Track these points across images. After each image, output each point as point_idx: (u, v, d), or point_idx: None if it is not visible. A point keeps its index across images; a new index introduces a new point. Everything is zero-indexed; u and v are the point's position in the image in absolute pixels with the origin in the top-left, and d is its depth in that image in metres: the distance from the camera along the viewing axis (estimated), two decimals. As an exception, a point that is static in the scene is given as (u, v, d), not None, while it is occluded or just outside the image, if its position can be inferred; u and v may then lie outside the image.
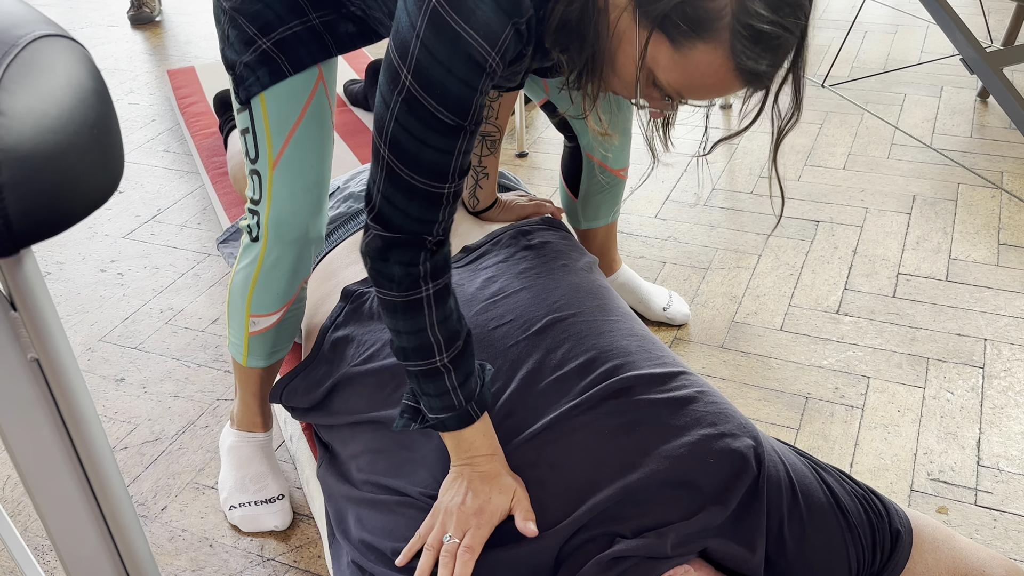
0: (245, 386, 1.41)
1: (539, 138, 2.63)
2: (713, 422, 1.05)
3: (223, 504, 1.43)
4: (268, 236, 1.24)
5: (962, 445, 1.49)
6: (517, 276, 1.28)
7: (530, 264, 1.32)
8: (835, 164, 2.38)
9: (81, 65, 0.52)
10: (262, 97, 1.17)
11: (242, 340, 1.35)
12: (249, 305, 1.31)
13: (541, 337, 1.16)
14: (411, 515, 1.04)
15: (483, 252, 1.38)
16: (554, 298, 1.22)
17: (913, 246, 2.01)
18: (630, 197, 2.28)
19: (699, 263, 2.00)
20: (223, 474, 1.46)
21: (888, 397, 1.59)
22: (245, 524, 1.41)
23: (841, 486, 1.06)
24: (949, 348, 1.70)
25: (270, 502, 1.41)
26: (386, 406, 1.17)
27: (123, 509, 0.60)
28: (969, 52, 1.26)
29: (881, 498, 1.08)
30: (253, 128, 1.19)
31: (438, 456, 1.08)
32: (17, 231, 0.45)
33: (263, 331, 1.33)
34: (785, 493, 1.02)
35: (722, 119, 2.66)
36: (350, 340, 1.28)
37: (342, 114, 2.59)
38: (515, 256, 1.35)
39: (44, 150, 0.46)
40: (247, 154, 1.23)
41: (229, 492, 1.43)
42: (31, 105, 0.47)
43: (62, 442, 0.57)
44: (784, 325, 1.79)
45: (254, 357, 1.37)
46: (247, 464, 1.45)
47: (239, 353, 1.37)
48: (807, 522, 1.02)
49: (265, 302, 1.30)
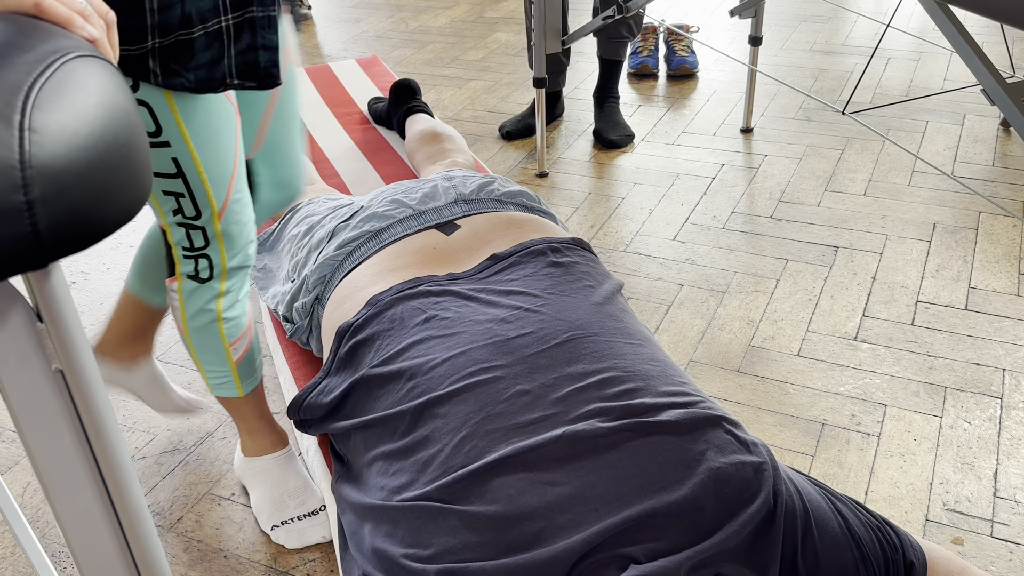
0: (250, 415, 1.41)
1: (559, 158, 2.65)
2: (732, 449, 1.05)
3: (264, 525, 1.43)
4: (227, 271, 1.24)
5: (979, 476, 1.48)
6: (542, 291, 1.29)
7: (555, 281, 1.32)
8: (855, 190, 2.38)
9: (112, 85, 0.53)
10: (195, 159, 1.14)
11: (229, 373, 1.34)
12: (224, 337, 1.29)
13: (560, 350, 1.16)
14: (424, 515, 1.05)
15: (512, 263, 1.38)
16: (575, 316, 1.23)
17: (933, 274, 2.00)
18: (649, 218, 2.28)
19: (717, 286, 2.00)
20: (257, 498, 1.46)
21: (905, 425, 1.58)
22: (292, 541, 1.41)
23: (856, 516, 1.06)
24: (967, 377, 1.69)
25: (313, 515, 1.42)
26: (398, 404, 1.17)
27: (141, 519, 0.61)
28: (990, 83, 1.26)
29: (895, 529, 1.08)
30: (189, 190, 1.15)
31: (451, 453, 1.09)
32: (47, 245, 0.46)
33: (245, 351, 1.33)
34: (799, 521, 1.02)
35: (742, 142, 2.67)
36: (369, 344, 1.28)
37: (365, 132, 2.61)
38: (542, 271, 1.35)
39: (75, 167, 0.48)
40: (178, 212, 1.18)
41: (269, 513, 1.43)
42: (64, 123, 0.48)
43: (83, 452, 0.58)
44: (801, 350, 1.78)
45: (247, 381, 1.37)
46: (282, 482, 1.45)
47: (231, 388, 1.36)
48: (820, 552, 1.02)
49: (239, 323, 1.30)
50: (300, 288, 1.51)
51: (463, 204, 1.51)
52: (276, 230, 1.78)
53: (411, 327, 1.26)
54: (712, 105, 2.96)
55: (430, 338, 1.22)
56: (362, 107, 2.81)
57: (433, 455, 1.10)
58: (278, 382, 1.76)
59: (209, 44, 1.07)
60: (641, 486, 1.01)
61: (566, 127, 2.86)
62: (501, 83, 3.24)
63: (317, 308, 1.48)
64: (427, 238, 1.43)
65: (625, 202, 2.38)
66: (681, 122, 2.85)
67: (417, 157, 2.19)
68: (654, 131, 2.79)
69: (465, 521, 1.02)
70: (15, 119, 0.46)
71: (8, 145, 0.45)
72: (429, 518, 1.04)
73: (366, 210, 1.53)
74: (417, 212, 1.49)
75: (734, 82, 3.13)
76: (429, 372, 1.18)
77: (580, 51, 3.52)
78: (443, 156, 2.12)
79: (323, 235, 1.54)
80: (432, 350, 1.20)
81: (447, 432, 1.11)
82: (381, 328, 1.28)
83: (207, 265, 1.22)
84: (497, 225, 1.48)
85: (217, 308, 1.26)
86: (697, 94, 3.05)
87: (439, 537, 1.03)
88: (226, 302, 1.27)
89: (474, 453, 1.08)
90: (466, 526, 1.02)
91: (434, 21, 3.98)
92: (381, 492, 1.13)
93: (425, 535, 1.03)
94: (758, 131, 2.74)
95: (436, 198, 1.52)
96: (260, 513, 1.44)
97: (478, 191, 1.55)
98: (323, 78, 3.04)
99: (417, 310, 1.28)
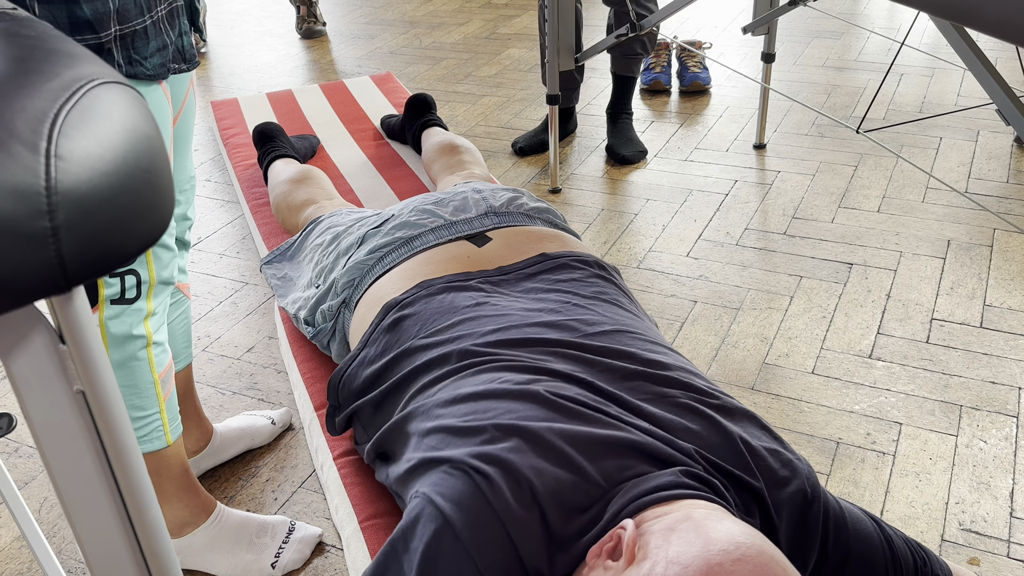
0: (176, 473, 1.30)
1: (572, 174, 2.65)
2: (775, 436, 1.08)
3: (261, 573, 1.38)
4: (155, 285, 1.19)
5: (995, 495, 1.47)
6: (590, 295, 1.33)
7: (601, 289, 1.36)
8: (869, 207, 2.37)
9: (136, 111, 0.54)
10: None
11: (158, 416, 1.24)
12: (153, 366, 1.21)
13: (607, 337, 1.19)
14: (477, 397, 1.05)
15: (561, 264, 1.40)
16: (621, 319, 1.26)
17: (947, 291, 2.00)
18: (662, 235, 2.29)
19: (730, 303, 2.00)
20: (227, 563, 1.38)
21: (920, 444, 1.58)
22: (298, 560, 1.39)
23: (886, 526, 1.08)
24: (983, 396, 1.68)
25: (291, 532, 1.41)
26: (445, 348, 1.18)
27: (159, 538, 0.62)
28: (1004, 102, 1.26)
29: (921, 545, 1.09)
30: None
31: (515, 406, 1.08)
32: (71, 270, 0.47)
33: (171, 386, 1.25)
34: (832, 512, 1.03)
35: (755, 158, 2.67)
36: (415, 318, 1.27)
37: (379, 147, 2.63)
38: (589, 279, 1.38)
39: (99, 193, 0.49)
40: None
41: (254, 561, 1.38)
42: (88, 150, 0.49)
43: (103, 471, 0.58)
44: (816, 368, 1.78)
45: (174, 425, 1.28)
46: (240, 535, 1.38)
47: (159, 436, 1.25)
48: (852, 549, 1.03)
49: (165, 349, 1.24)
50: (328, 291, 1.52)
51: (493, 216, 1.52)
52: (297, 241, 1.80)
53: (461, 308, 1.27)
54: (725, 121, 2.96)
55: (481, 316, 1.23)
56: (376, 123, 2.83)
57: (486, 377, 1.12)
58: (292, 398, 1.77)
59: (157, 32, 1.12)
60: (710, 441, 1.04)
61: (579, 143, 2.87)
62: (514, 99, 3.25)
63: (344, 312, 1.48)
64: (459, 248, 1.44)
65: (638, 218, 2.39)
66: (694, 138, 2.85)
67: (435, 168, 2.21)
68: (667, 147, 2.80)
69: (520, 399, 1.04)
70: (41, 146, 0.47)
71: (35, 172, 0.46)
72: (484, 399, 1.06)
73: (397, 218, 1.54)
74: (449, 222, 1.50)
75: (747, 98, 3.13)
76: (478, 336, 1.20)
77: (593, 67, 3.53)
78: (461, 168, 2.13)
79: (352, 241, 1.55)
80: (482, 324, 1.21)
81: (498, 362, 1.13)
82: (430, 308, 1.29)
83: (135, 283, 1.15)
84: (528, 239, 1.49)
85: (146, 330, 1.18)
86: (710, 110, 3.06)
87: (496, 407, 1.04)
88: (154, 323, 1.19)
89: (535, 363, 1.11)
90: (521, 400, 1.04)
91: (447, 37, 4.00)
92: (429, 416, 1.12)
93: (480, 412, 1.04)
94: (771, 147, 2.75)
95: (467, 210, 1.53)
96: (247, 570, 1.37)
97: (507, 204, 1.56)
98: (337, 94, 3.06)
99: (468, 297, 1.30)
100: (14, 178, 0.45)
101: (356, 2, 4.67)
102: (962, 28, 1.32)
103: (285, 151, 2.33)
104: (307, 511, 1.51)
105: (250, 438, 1.63)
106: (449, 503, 0.91)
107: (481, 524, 0.90)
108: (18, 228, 0.44)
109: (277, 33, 4.21)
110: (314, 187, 2.03)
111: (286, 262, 1.80)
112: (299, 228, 1.97)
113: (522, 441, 0.96)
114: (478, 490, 0.92)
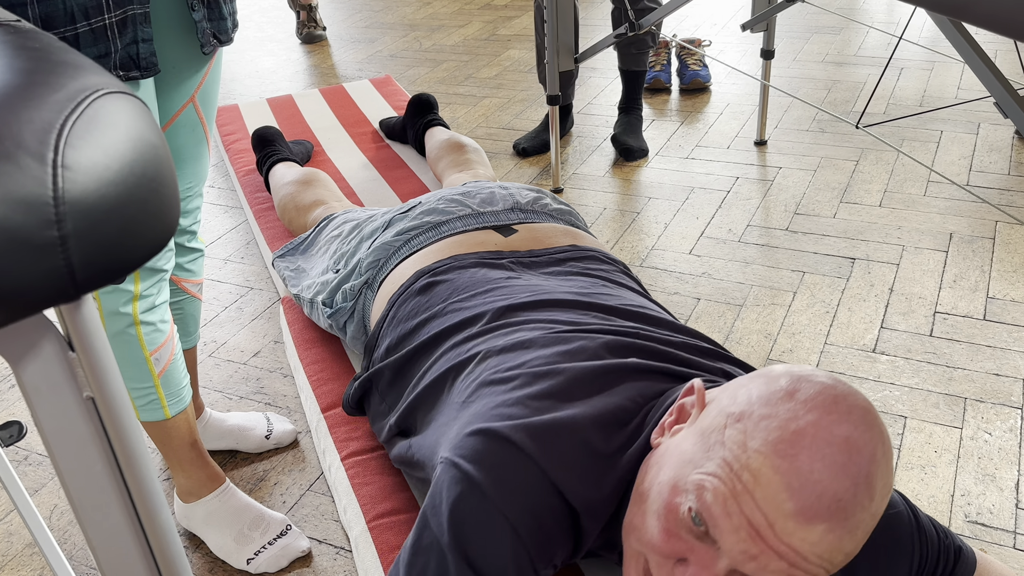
0: (180, 444, 1.34)
1: (574, 174, 2.66)
2: None
3: (238, 563, 1.38)
4: (140, 271, 1.22)
5: (1000, 487, 1.47)
6: (615, 283, 1.37)
7: (628, 284, 1.39)
8: (871, 201, 2.38)
9: (141, 120, 0.55)
10: None
11: (154, 390, 1.29)
12: (143, 344, 1.25)
13: (637, 317, 1.23)
14: (512, 348, 1.11)
15: (591, 255, 1.43)
16: (645, 304, 1.30)
17: (950, 284, 2.00)
18: (664, 233, 2.29)
19: (734, 300, 2.00)
20: (216, 543, 1.40)
21: (925, 437, 1.58)
22: (273, 565, 1.38)
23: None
24: (987, 388, 1.68)
25: (283, 535, 1.40)
26: (479, 309, 1.20)
27: (170, 542, 0.62)
28: (1002, 95, 1.26)
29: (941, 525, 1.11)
30: None
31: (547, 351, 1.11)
32: (80, 279, 0.48)
33: (168, 363, 1.29)
34: None
35: (756, 155, 2.67)
36: (447, 284, 1.29)
37: (379, 150, 2.64)
38: (615, 273, 1.41)
39: (106, 202, 0.49)
40: None
41: (236, 550, 1.38)
42: (95, 160, 0.50)
43: (113, 477, 0.59)
44: (820, 363, 1.78)
45: (173, 401, 1.31)
46: (237, 518, 1.40)
47: (157, 409, 1.30)
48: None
49: (158, 329, 1.26)
50: (351, 272, 1.52)
51: (519, 212, 1.54)
52: (311, 236, 1.82)
53: (494, 279, 1.29)
54: (725, 118, 2.97)
55: (514, 287, 1.26)
56: (375, 125, 2.84)
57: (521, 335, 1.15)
58: (299, 401, 1.77)
59: (96, 40, 1.11)
60: None
61: (580, 142, 2.88)
62: (515, 100, 3.26)
63: (366, 292, 1.48)
64: (486, 235, 1.45)
65: (640, 216, 2.39)
66: (695, 136, 2.85)
67: (440, 165, 2.22)
68: (668, 145, 2.80)
69: (554, 344, 1.09)
70: (48, 157, 0.47)
71: (42, 182, 0.46)
72: (516, 349, 1.10)
73: (424, 205, 1.55)
74: (477, 212, 1.51)
75: (747, 95, 3.14)
76: (514, 298, 1.23)
77: (593, 67, 3.54)
78: (467, 167, 2.14)
79: (378, 225, 1.57)
80: (516, 292, 1.24)
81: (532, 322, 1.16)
82: (463, 277, 1.30)
83: None
84: (554, 233, 1.50)
85: (133, 311, 1.23)
86: (710, 107, 3.06)
87: (529, 357, 1.08)
88: (142, 305, 1.24)
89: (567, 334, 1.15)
90: (554, 346, 1.08)
91: (447, 40, 4.01)
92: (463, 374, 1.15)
93: (514, 362, 1.08)
94: (772, 143, 2.75)
95: (494, 203, 1.54)
96: (227, 556, 1.39)
97: (532, 203, 1.58)
98: (337, 98, 3.07)
99: (500, 273, 1.32)
100: (22, 189, 0.45)
101: (356, 6, 4.68)
102: (959, 23, 1.33)
103: (285, 155, 2.34)
104: (315, 514, 1.51)
105: (235, 440, 1.64)
106: (472, 464, 0.95)
107: (508, 477, 0.93)
108: (27, 238, 0.45)
109: (278, 38, 4.23)
110: (321, 188, 2.05)
111: (299, 256, 1.82)
112: (307, 229, 1.98)
113: (560, 379, 1.02)
114: (510, 445, 0.95)
